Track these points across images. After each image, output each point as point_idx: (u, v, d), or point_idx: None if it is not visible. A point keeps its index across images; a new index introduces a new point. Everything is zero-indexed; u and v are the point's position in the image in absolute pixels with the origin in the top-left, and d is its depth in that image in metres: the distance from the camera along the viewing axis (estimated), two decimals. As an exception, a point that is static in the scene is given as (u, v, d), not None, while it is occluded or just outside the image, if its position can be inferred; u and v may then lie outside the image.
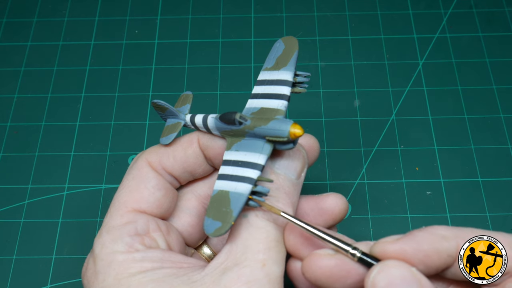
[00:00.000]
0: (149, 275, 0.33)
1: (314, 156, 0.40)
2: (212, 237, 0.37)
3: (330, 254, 0.32)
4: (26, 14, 0.67)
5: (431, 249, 0.31)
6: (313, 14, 0.66)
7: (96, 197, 0.54)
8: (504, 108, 0.58)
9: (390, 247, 0.31)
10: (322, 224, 0.39)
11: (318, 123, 0.58)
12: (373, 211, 0.52)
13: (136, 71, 0.62)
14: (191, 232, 0.40)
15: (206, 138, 0.39)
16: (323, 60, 0.62)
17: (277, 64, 0.38)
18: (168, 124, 0.41)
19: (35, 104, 0.60)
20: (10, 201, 0.54)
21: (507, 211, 0.52)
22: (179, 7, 0.67)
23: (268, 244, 0.33)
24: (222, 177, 0.35)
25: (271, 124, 0.34)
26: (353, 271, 0.32)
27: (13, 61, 0.63)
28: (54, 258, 0.51)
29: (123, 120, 0.59)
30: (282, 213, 0.33)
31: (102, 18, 0.66)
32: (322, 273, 0.32)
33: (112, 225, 0.36)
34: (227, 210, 0.33)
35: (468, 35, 0.63)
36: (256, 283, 0.31)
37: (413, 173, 0.54)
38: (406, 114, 0.58)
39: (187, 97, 0.41)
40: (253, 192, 0.33)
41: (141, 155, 0.39)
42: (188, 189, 0.41)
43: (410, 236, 0.31)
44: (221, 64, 0.62)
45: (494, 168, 0.54)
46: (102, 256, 0.35)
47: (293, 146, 0.34)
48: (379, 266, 0.30)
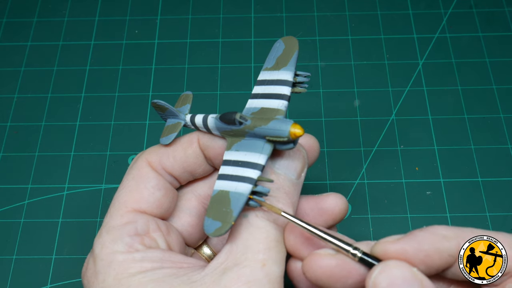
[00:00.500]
0: (149, 275, 0.33)
1: (314, 156, 0.40)
2: (212, 237, 0.37)
3: (330, 254, 0.32)
4: (26, 14, 0.67)
5: (432, 249, 0.31)
6: (313, 14, 0.66)
7: (96, 197, 0.54)
8: (504, 108, 0.58)
9: (391, 247, 0.31)
10: (322, 224, 0.39)
11: (318, 123, 0.58)
12: (373, 211, 0.52)
13: (136, 71, 0.62)
14: (191, 232, 0.40)
15: (206, 138, 0.39)
16: (323, 60, 0.62)
17: (277, 64, 0.38)
18: (168, 124, 0.41)
19: (35, 104, 0.60)
20: (10, 201, 0.54)
21: (507, 211, 0.52)
22: (179, 7, 0.67)
23: (268, 244, 0.33)
24: (222, 177, 0.35)
25: (271, 124, 0.34)
26: (354, 271, 0.32)
27: (13, 61, 0.63)
28: (54, 258, 0.51)
29: (123, 120, 0.59)
30: (282, 213, 0.33)
31: (102, 18, 0.66)
32: (323, 272, 0.32)
33: (112, 225, 0.36)
34: (227, 210, 0.33)
35: (468, 35, 0.63)
36: (256, 283, 0.31)
37: (413, 173, 0.54)
38: (406, 114, 0.58)
39: (187, 97, 0.41)
40: (254, 192, 0.33)
41: (141, 155, 0.39)
42: (188, 189, 0.41)
43: (411, 236, 0.31)
44: (221, 64, 0.62)
45: (494, 168, 0.54)
46: (102, 256, 0.35)
47: (293, 146, 0.34)
48: (381, 266, 0.30)
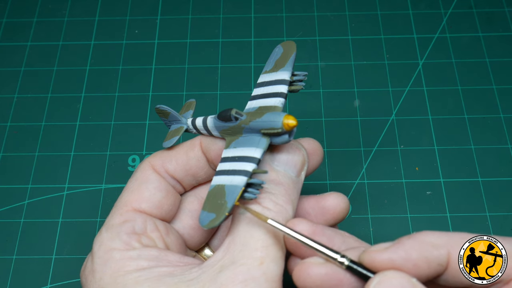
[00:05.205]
0: (145, 273, 0.33)
1: (317, 160, 0.39)
2: (206, 229, 0.37)
3: (320, 262, 0.31)
4: (26, 14, 0.67)
5: (420, 258, 0.30)
6: (313, 14, 0.66)
7: (96, 197, 0.54)
8: (504, 108, 0.58)
9: (378, 256, 0.30)
10: (323, 223, 0.38)
11: (318, 123, 0.58)
12: (373, 211, 0.52)
13: (136, 71, 0.62)
14: (192, 234, 0.40)
15: (208, 140, 0.39)
16: (323, 60, 0.62)
17: (275, 66, 0.39)
18: (171, 130, 0.41)
19: (35, 104, 0.60)
20: (10, 201, 0.54)
21: (507, 211, 0.52)
22: (179, 7, 0.67)
23: (266, 241, 0.32)
24: (219, 173, 0.35)
25: (265, 117, 0.34)
26: (345, 281, 0.31)
27: (13, 61, 0.63)
28: (54, 258, 0.51)
29: (123, 120, 0.59)
30: (269, 221, 0.32)
31: (102, 18, 0.66)
32: (313, 282, 0.31)
33: (112, 223, 0.36)
34: (222, 202, 0.33)
35: (468, 35, 0.63)
36: (252, 281, 0.31)
37: (413, 173, 0.54)
38: (406, 114, 0.58)
39: (191, 104, 0.43)
40: (249, 185, 0.33)
41: (145, 159, 0.40)
42: (190, 192, 0.42)
43: (399, 245, 0.31)
44: (221, 64, 0.62)
45: (494, 168, 0.54)
46: (99, 254, 0.35)
47: (288, 139, 0.34)
48: (379, 277, 0.29)
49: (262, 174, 0.35)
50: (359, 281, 0.31)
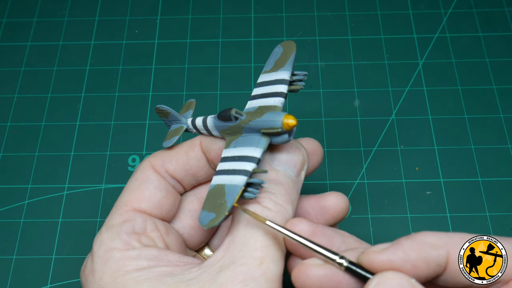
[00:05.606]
0: (145, 273, 0.33)
1: (317, 160, 0.39)
2: (206, 228, 0.37)
3: (319, 264, 0.31)
4: (26, 14, 0.67)
5: (419, 259, 0.30)
6: (313, 14, 0.66)
7: (96, 197, 0.54)
8: (504, 108, 0.58)
9: (377, 257, 0.30)
10: (323, 223, 0.38)
11: (318, 123, 0.58)
12: (373, 211, 0.52)
13: (136, 71, 0.62)
14: (192, 234, 0.40)
15: (208, 140, 0.39)
16: (323, 60, 0.62)
17: (275, 66, 0.39)
18: (171, 129, 0.41)
19: (35, 104, 0.60)
20: (10, 201, 0.54)
21: (507, 211, 0.52)
22: (179, 7, 0.67)
23: (266, 241, 0.32)
24: (219, 172, 0.35)
25: (265, 116, 0.34)
26: (344, 282, 0.31)
27: (13, 61, 0.63)
28: (54, 258, 0.51)
29: (123, 120, 0.59)
30: (267, 222, 0.32)
31: (102, 18, 0.66)
32: (312, 283, 0.31)
33: (112, 223, 0.36)
34: (222, 202, 0.33)
35: (468, 35, 0.63)
36: (252, 281, 0.31)
37: (413, 173, 0.54)
38: (406, 114, 0.58)
39: (191, 104, 0.43)
40: (249, 184, 0.33)
41: (145, 159, 0.40)
42: (190, 192, 0.42)
43: (397, 245, 0.31)
44: (221, 64, 0.62)
45: (494, 168, 0.54)
46: (99, 253, 0.35)
47: (288, 138, 0.34)
48: (378, 278, 0.29)
49: (262, 174, 0.35)
50: (358, 282, 0.31)
